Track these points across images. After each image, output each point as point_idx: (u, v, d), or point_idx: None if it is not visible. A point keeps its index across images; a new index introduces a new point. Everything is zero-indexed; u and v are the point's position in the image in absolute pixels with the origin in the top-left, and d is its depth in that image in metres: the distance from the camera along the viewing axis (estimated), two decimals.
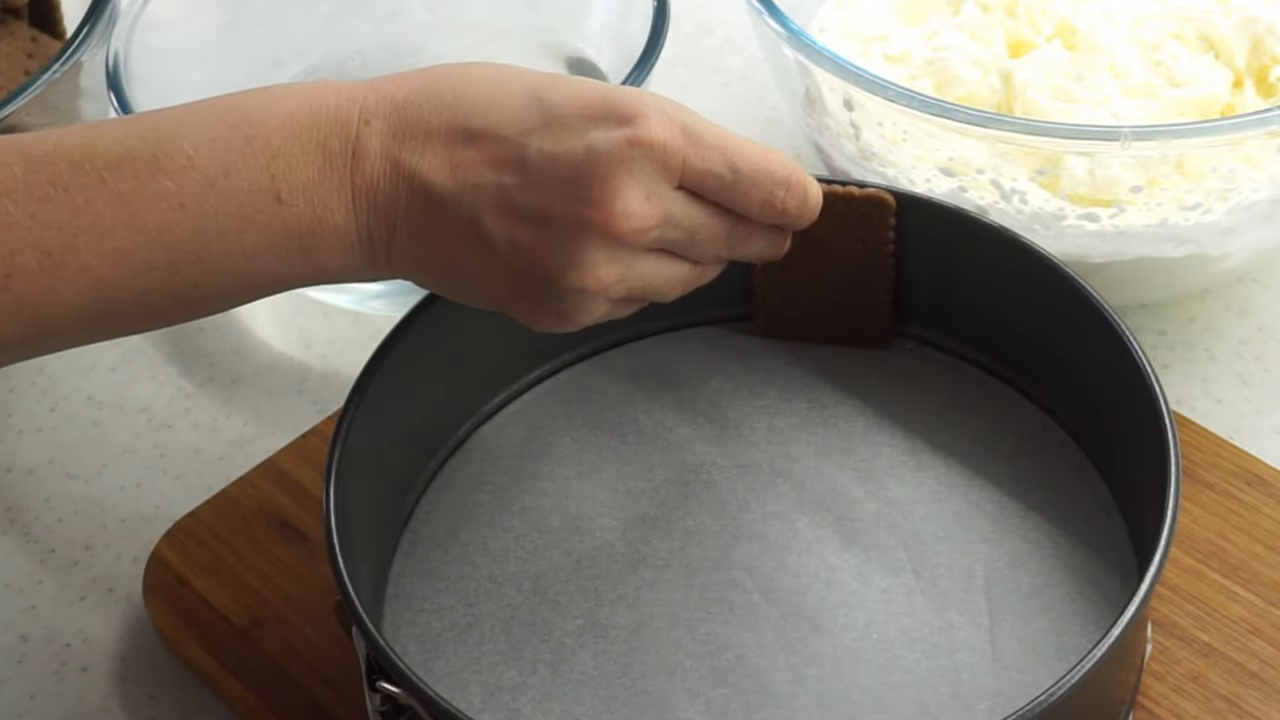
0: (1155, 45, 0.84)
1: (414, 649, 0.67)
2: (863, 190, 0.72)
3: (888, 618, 0.67)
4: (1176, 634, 0.70)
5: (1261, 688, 0.68)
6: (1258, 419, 0.80)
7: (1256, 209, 0.78)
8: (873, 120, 0.80)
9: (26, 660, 0.75)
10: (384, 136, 0.62)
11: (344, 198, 0.62)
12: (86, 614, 0.76)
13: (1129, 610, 0.59)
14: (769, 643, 0.66)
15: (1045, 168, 0.78)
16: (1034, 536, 0.69)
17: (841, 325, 0.76)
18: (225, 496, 0.78)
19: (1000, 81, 0.82)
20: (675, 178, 0.63)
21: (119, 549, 0.79)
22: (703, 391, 0.76)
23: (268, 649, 0.72)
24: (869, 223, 0.73)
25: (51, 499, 0.81)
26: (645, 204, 0.62)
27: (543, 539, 0.71)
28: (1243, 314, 0.85)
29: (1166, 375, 0.81)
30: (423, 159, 0.62)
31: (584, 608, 0.68)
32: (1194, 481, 0.74)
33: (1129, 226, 0.78)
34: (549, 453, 0.74)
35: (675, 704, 0.65)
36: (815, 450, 0.73)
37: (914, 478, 0.72)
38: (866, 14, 0.89)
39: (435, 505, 0.72)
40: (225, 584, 0.75)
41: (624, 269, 0.63)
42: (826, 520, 0.70)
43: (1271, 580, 0.71)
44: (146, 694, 0.73)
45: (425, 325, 0.71)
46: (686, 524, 0.71)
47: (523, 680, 0.66)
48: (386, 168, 0.62)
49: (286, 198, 0.61)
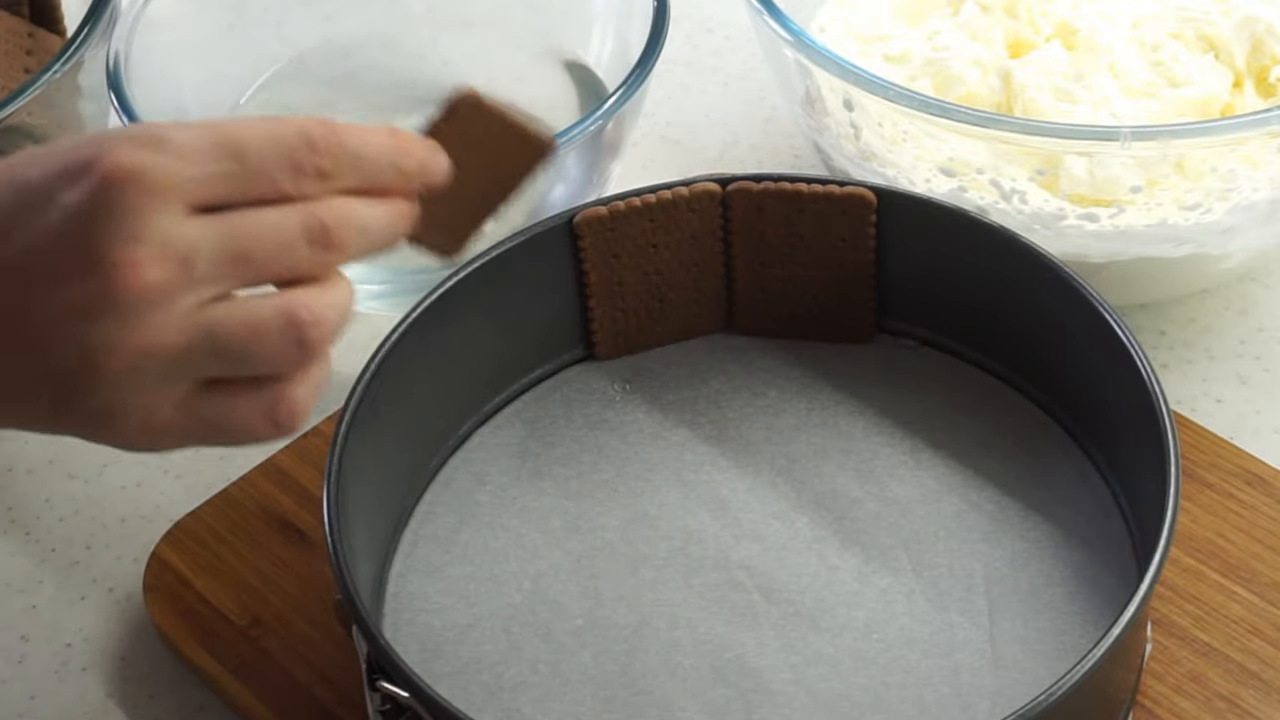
0: (1155, 45, 0.84)
1: (414, 649, 0.67)
2: (843, 189, 0.73)
3: (888, 618, 0.67)
4: (1176, 634, 0.70)
5: (1261, 687, 0.68)
6: (1258, 419, 0.80)
7: (1256, 209, 0.78)
8: (873, 120, 0.80)
9: (26, 660, 0.75)
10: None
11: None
12: (86, 614, 0.76)
13: (1129, 610, 0.59)
14: (769, 643, 0.66)
15: (1045, 168, 0.78)
16: (1034, 536, 0.69)
17: (824, 322, 0.76)
18: (225, 496, 0.78)
19: (1000, 81, 0.82)
20: (178, 198, 0.51)
21: (119, 549, 0.79)
22: (703, 391, 0.76)
23: (268, 649, 0.72)
24: (850, 221, 0.73)
25: (52, 499, 0.81)
26: (140, 248, 0.50)
27: (543, 539, 0.71)
28: (1243, 314, 0.85)
29: (1166, 375, 0.81)
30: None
31: (584, 608, 0.68)
32: (1194, 481, 0.74)
33: (1129, 226, 0.78)
34: (549, 453, 0.74)
35: (675, 704, 0.65)
36: (815, 450, 0.73)
37: (914, 478, 0.72)
38: (866, 14, 0.89)
39: (435, 505, 0.72)
40: (225, 584, 0.74)
41: (160, 333, 0.51)
42: (826, 520, 0.70)
43: (1271, 580, 0.71)
44: (147, 694, 0.73)
45: (425, 325, 0.71)
46: (686, 524, 0.71)
47: (523, 680, 0.66)
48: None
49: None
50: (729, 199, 0.74)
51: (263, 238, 0.53)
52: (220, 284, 0.52)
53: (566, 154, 0.79)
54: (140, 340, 0.51)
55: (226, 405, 0.54)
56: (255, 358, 0.53)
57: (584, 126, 0.78)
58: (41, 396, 0.53)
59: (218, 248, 0.52)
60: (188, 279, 0.52)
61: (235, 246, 0.52)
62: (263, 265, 0.53)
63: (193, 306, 0.52)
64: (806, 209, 0.73)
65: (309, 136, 0.53)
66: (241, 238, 0.52)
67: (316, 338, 0.54)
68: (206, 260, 0.52)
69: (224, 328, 0.52)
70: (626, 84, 0.80)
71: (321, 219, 0.53)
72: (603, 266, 0.74)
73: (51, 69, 0.82)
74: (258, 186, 0.53)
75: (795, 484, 0.72)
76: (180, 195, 0.51)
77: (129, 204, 0.51)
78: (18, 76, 0.88)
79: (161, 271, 0.51)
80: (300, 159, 0.53)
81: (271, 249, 0.53)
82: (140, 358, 0.52)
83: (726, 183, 0.74)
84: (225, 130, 0.52)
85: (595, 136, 0.80)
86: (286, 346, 0.53)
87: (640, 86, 0.81)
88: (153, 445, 0.55)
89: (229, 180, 0.52)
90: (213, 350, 0.52)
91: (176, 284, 0.51)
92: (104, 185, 0.51)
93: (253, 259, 0.53)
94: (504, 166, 0.61)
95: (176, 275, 0.51)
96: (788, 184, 0.73)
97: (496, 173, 0.61)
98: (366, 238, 0.55)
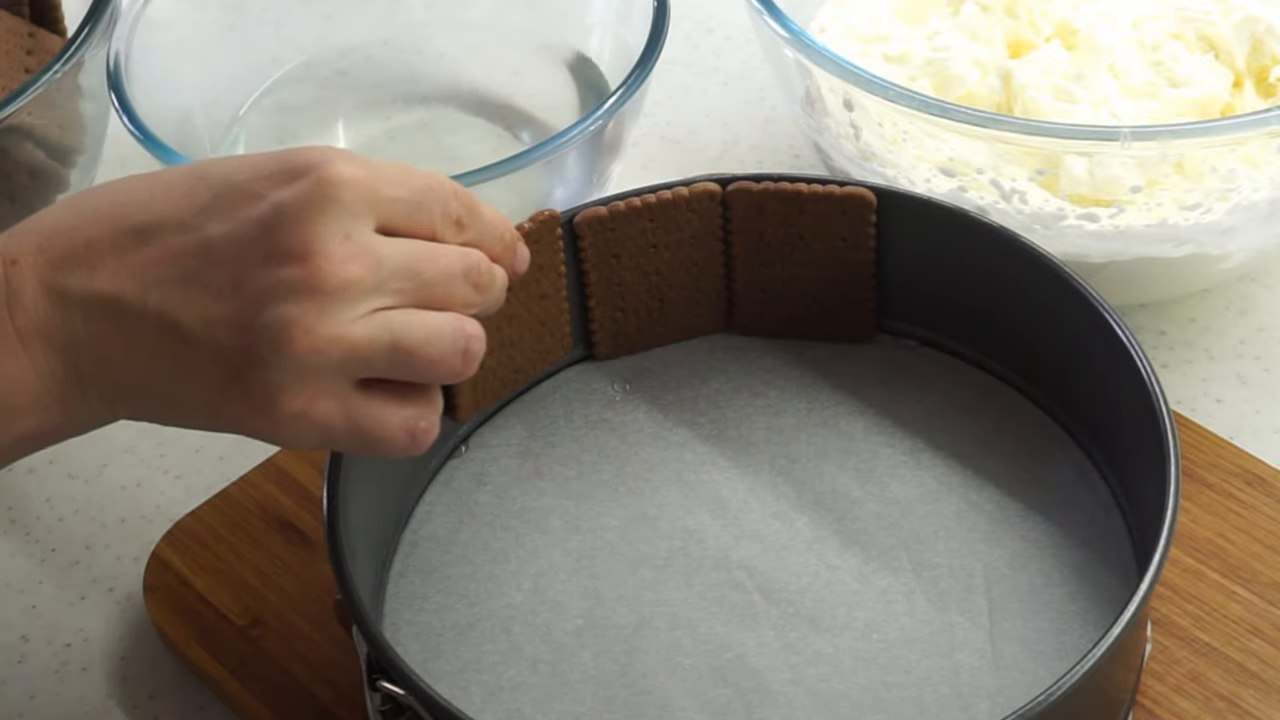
0: (1155, 45, 0.84)
1: (414, 649, 0.67)
2: (843, 189, 0.73)
3: (888, 618, 0.67)
4: (1176, 634, 0.70)
5: (1261, 687, 0.68)
6: (1258, 419, 0.80)
7: (1256, 209, 0.78)
8: (873, 120, 0.80)
9: (26, 660, 0.75)
10: (38, 269, 0.58)
11: (10, 347, 0.57)
12: (86, 614, 0.76)
13: (1129, 610, 0.59)
14: (769, 643, 0.66)
15: (1045, 168, 0.78)
16: (1034, 536, 0.69)
17: (824, 322, 0.76)
18: (225, 496, 0.78)
19: (1000, 81, 0.82)
20: (374, 214, 0.58)
21: (119, 549, 0.79)
22: (703, 391, 0.76)
23: (268, 649, 0.72)
24: (850, 220, 0.73)
25: (52, 499, 0.81)
26: (346, 245, 0.57)
27: (543, 539, 0.71)
28: (1243, 314, 0.85)
29: (1166, 375, 0.81)
30: (92, 276, 0.58)
31: (584, 608, 0.68)
32: (1194, 481, 0.74)
33: (1129, 226, 0.78)
34: (549, 453, 0.74)
35: (675, 704, 0.65)
36: (815, 450, 0.73)
37: (914, 478, 0.72)
38: (866, 14, 0.89)
39: (435, 505, 0.72)
40: (225, 584, 0.75)
41: (349, 325, 0.57)
42: (826, 520, 0.70)
43: (1271, 580, 0.71)
44: (147, 694, 0.73)
45: None
46: (686, 524, 0.71)
47: (523, 680, 0.66)
48: (50, 299, 0.57)
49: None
50: (729, 199, 0.74)
51: (435, 264, 0.59)
52: (395, 296, 0.58)
53: (567, 154, 0.79)
54: (332, 327, 0.57)
55: (377, 409, 0.59)
56: (426, 360, 0.59)
57: (584, 126, 0.78)
58: (217, 369, 0.58)
59: (400, 263, 0.58)
60: (377, 283, 0.58)
61: (412, 266, 0.59)
62: (428, 287, 0.59)
63: (372, 308, 0.58)
64: (807, 209, 0.73)
65: (456, 191, 0.61)
66: (417, 260, 0.59)
67: (477, 351, 0.60)
68: (389, 271, 0.58)
69: (406, 328, 0.58)
70: (626, 84, 0.80)
71: (478, 262, 0.61)
72: (603, 266, 0.74)
73: (51, 69, 0.82)
74: (421, 221, 0.60)
75: (795, 484, 0.72)
76: (376, 211, 0.58)
77: (345, 206, 0.57)
78: (18, 76, 0.88)
79: (361, 270, 0.57)
80: (451, 208, 0.60)
81: (439, 276, 0.59)
82: (328, 343, 0.57)
83: (726, 183, 0.74)
84: (405, 169, 0.60)
85: (595, 136, 0.80)
86: (454, 356, 0.60)
87: (640, 86, 0.81)
88: (296, 436, 0.59)
89: (405, 209, 0.59)
90: (392, 348, 0.58)
91: (368, 284, 0.57)
92: (322, 186, 0.57)
93: (422, 279, 0.59)
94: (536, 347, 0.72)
95: (370, 276, 0.57)
96: (788, 184, 0.73)
97: (526, 353, 0.72)
98: (496, 290, 0.62)
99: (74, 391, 0.59)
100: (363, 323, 0.58)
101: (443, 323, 0.60)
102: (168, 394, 0.59)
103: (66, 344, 0.58)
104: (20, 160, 0.85)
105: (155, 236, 0.58)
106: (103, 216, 0.59)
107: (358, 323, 0.58)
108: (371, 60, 0.96)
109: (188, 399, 0.59)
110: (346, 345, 0.57)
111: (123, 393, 0.59)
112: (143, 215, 0.58)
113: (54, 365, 0.58)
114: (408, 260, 0.59)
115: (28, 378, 0.58)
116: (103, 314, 0.58)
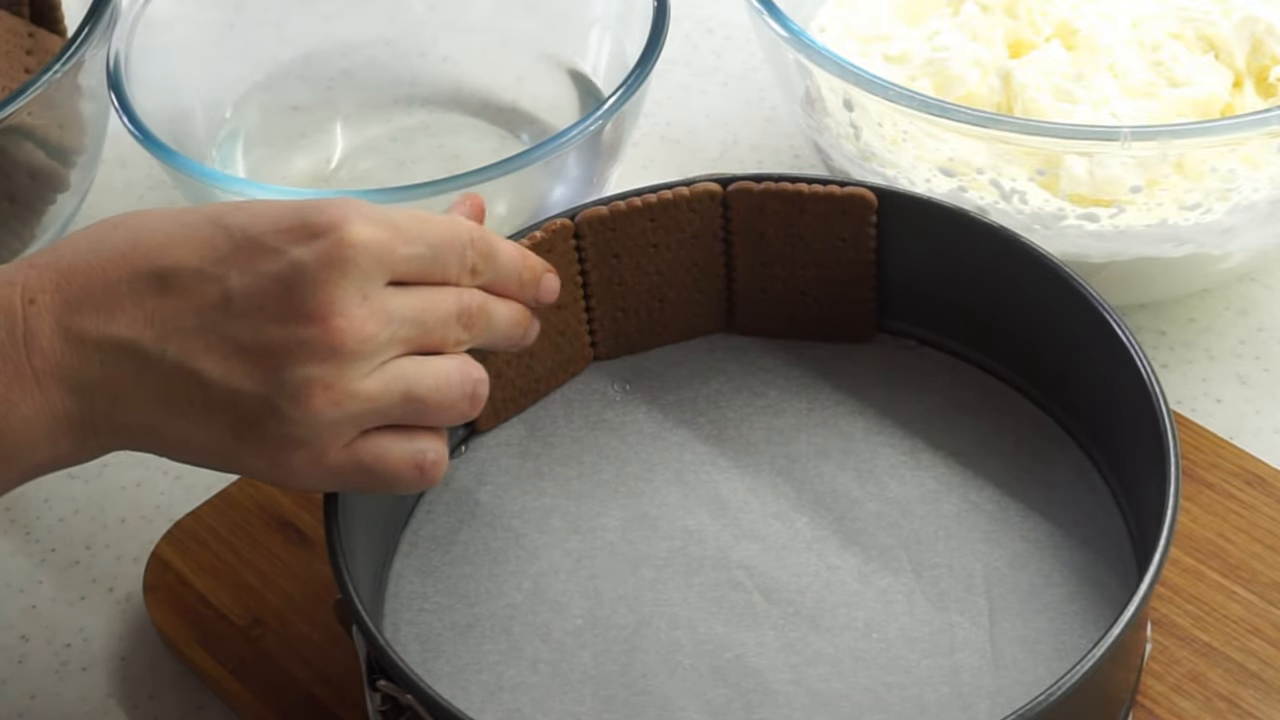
0: (1155, 45, 0.84)
1: (414, 649, 0.67)
2: (843, 189, 0.73)
3: (888, 618, 0.67)
4: (1176, 634, 0.70)
5: (1261, 687, 0.68)
6: (1258, 419, 0.80)
7: (1256, 209, 0.78)
8: (873, 120, 0.80)
9: (26, 660, 0.75)
10: (55, 310, 0.58)
11: (27, 388, 0.58)
12: (86, 614, 0.76)
13: (1129, 610, 0.59)
14: (769, 643, 0.66)
15: (1045, 168, 0.78)
16: (1034, 536, 0.69)
17: (824, 322, 0.76)
18: (225, 496, 0.78)
19: (1000, 82, 0.82)
20: (390, 273, 0.60)
21: (119, 549, 0.79)
22: (703, 391, 0.76)
23: (268, 648, 0.72)
24: (851, 220, 0.73)
25: (51, 499, 0.81)
26: (364, 306, 0.59)
27: (543, 539, 0.71)
28: (1243, 314, 0.85)
29: (1166, 375, 0.81)
30: (110, 321, 0.59)
31: (584, 608, 0.68)
32: (1194, 481, 0.74)
33: (1129, 226, 0.78)
34: (549, 453, 0.74)
35: (675, 704, 0.65)
36: (815, 450, 0.73)
37: (914, 478, 0.72)
38: (866, 14, 0.89)
39: (435, 505, 0.72)
40: (225, 584, 0.75)
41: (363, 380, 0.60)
42: (826, 520, 0.70)
43: (1271, 580, 0.71)
44: (147, 694, 0.73)
45: None
46: (686, 524, 0.71)
47: (523, 680, 0.66)
48: (67, 342, 0.58)
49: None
50: (729, 199, 0.74)
51: (436, 311, 0.62)
52: (401, 347, 0.61)
53: (567, 154, 0.79)
54: (350, 383, 0.59)
55: (382, 450, 0.61)
56: (437, 407, 0.62)
57: (584, 127, 0.78)
58: (232, 418, 0.59)
59: (407, 315, 0.61)
60: (389, 338, 0.60)
61: (417, 317, 0.61)
62: (427, 334, 0.62)
63: (383, 360, 0.60)
64: (807, 209, 0.73)
65: (473, 238, 0.63)
66: (421, 310, 0.61)
67: (483, 395, 0.63)
68: (398, 323, 0.60)
69: (419, 379, 0.61)
70: (626, 84, 0.80)
71: (469, 304, 0.63)
72: (603, 266, 0.74)
73: (51, 69, 0.82)
74: (436, 273, 0.62)
75: (795, 484, 0.72)
76: (393, 270, 0.60)
77: (362, 270, 0.59)
78: (18, 76, 0.88)
79: (375, 328, 0.59)
80: (467, 258, 0.63)
81: (438, 322, 0.62)
82: (345, 398, 0.59)
83: (727, 183, 0.74)
84: (423, 220, 0.62)
85: (595, 136, 0.80)
86: (462, 401, 0.62)
87: (640, 86, 0.81)
88: (306, 482, 0.61)
89: (421, 264, 0.61)
90: (405, 399, 0.61)
91: (382, 340, 0.60)
92: (341, 249, 0.59)
93: (425, 328, 0.61)
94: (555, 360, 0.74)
95: (383, 333, 0.60)
96: (788, 184, 0.73)
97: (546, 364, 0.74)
98: (491, 328, 0.64)
99: (86, 428, 0.60)
100: (375, 375, 0.60)
101: (451, 369, 0.62)
102: (179, 436, 0.61)
103: (81, 385, 0.59)
104: (20, 160, 0.85)
105: (174, 284, 0.59)
106: (120, 256, 0.59)
107: (371, 376, 0.60)
108: (373, 61, 0.96)
109: (199, 442, 0.61)
110: (363, 399, 0.60)
111: (134, 432, 0.61)
112: (161, 260, 0.59)
113: (68, 405, 0.59)
114: (414, 312, 0.61)
115: (42, 416, 0.59)
116: (119, 358, 0.59)
